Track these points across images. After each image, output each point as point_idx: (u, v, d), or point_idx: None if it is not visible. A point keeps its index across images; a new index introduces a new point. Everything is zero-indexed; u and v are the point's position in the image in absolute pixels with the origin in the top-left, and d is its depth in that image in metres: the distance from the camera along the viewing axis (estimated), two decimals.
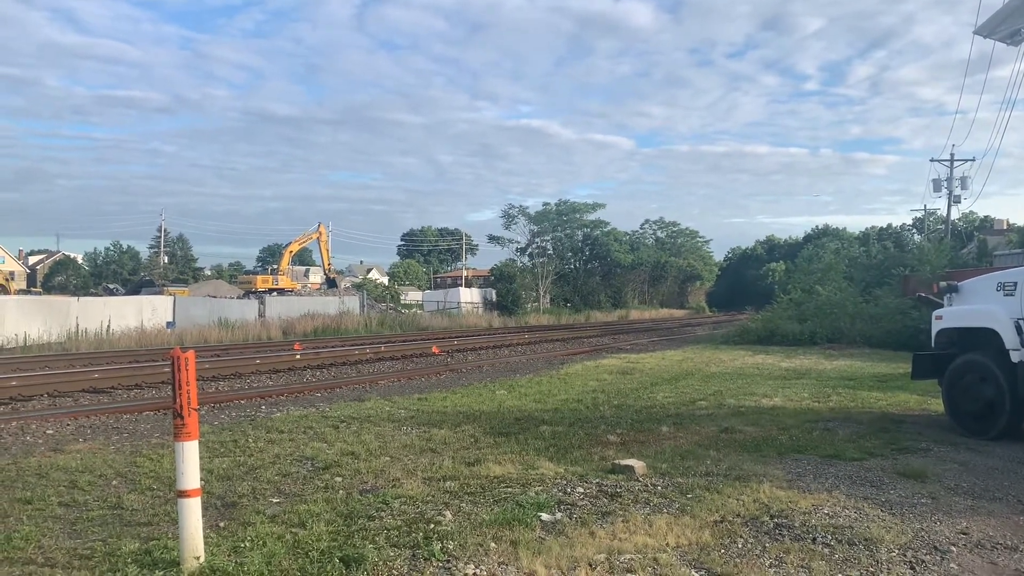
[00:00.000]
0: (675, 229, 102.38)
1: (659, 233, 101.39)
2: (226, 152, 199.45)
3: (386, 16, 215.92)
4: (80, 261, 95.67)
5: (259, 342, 32.40)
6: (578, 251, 78.60)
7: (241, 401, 13.52)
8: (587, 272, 77.53)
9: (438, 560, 4.97)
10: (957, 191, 50.32)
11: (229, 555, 5.04)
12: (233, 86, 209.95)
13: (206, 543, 5.02)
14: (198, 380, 15.98)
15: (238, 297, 50.10)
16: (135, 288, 64.53)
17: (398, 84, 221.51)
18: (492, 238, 74.31)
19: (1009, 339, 9.18)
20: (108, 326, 31.08)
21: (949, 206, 52.24)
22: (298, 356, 22.26)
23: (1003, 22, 19.26)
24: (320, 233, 65.21)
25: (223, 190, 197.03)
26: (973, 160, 49.49)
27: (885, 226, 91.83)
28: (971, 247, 48.65)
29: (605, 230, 79.47)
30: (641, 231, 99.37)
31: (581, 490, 6.76)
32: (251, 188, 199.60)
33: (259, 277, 64.09)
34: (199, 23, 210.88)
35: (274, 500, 6.57)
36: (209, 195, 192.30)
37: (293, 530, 5.59)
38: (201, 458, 5.46)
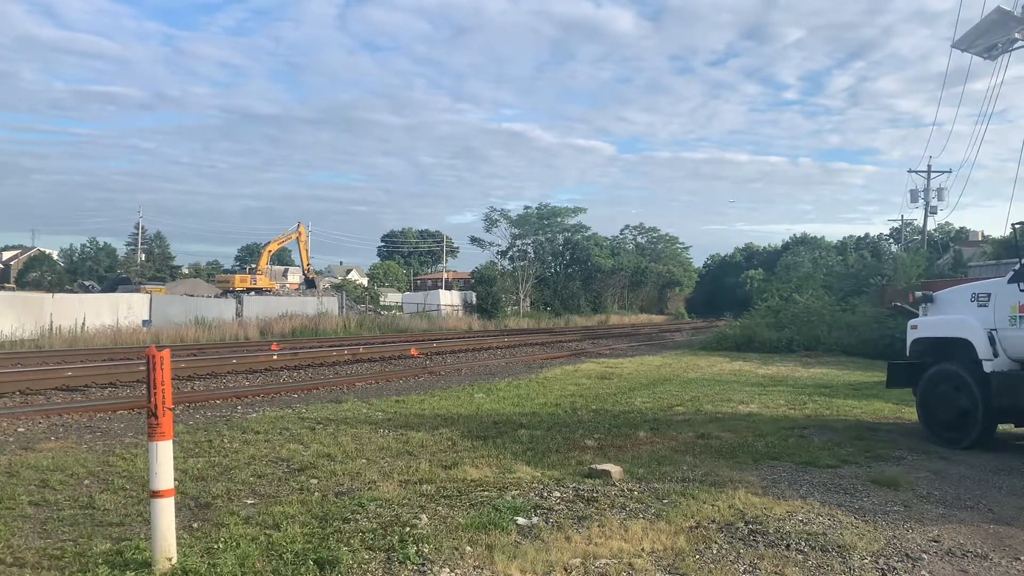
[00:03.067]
0: (655, 235, 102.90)
1: (640, 239, 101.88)
2: (206, 150, 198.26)
3: (369, 17, 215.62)
4: (56, 257, 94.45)
5: (236, 342, 32.14)
6: (559, 255, 78.75)
7: (217, 401, 13.41)
8: (567, 276, 77.65)
9: (413, 563, 4.95)
10: (934, 202, 51.01)
11: (202, 556, 4.99)
12: (214, 83, 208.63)
13: (179, 544, 4.96)
14: (173, 379, 15.78)
15: (216, 296, 49.80)
16: (111, 286, 63.84)
17: (380, 85, 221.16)
18: (473, 240, 74.34)
19: (982, 350, 9.30)
20: (83, 324, 30.74)
21: (926, 217, 52.95)
22: (275, 356, 22.11)
23: (980, 37, 19.56)
24: (300, 233, 64.95)
25: (203, 188, 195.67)
26: (950, 172, 50.18)
27: (863, 235, 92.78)
28: (947, 258, 49.28)
29: (586, 235, 79.73)
30: (622, 236, 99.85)
31: (558, 494, 6.76)
32: (231, 186, 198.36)
33: (237, 276, 63.70)
34: (180, 20, 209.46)
35: (249, 501, 6.52)
36: (188, 193, 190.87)
37: (267, 532, 5.54)
38: (175, 458, 5.41)
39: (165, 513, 4.76)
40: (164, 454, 4.79)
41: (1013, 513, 6.52)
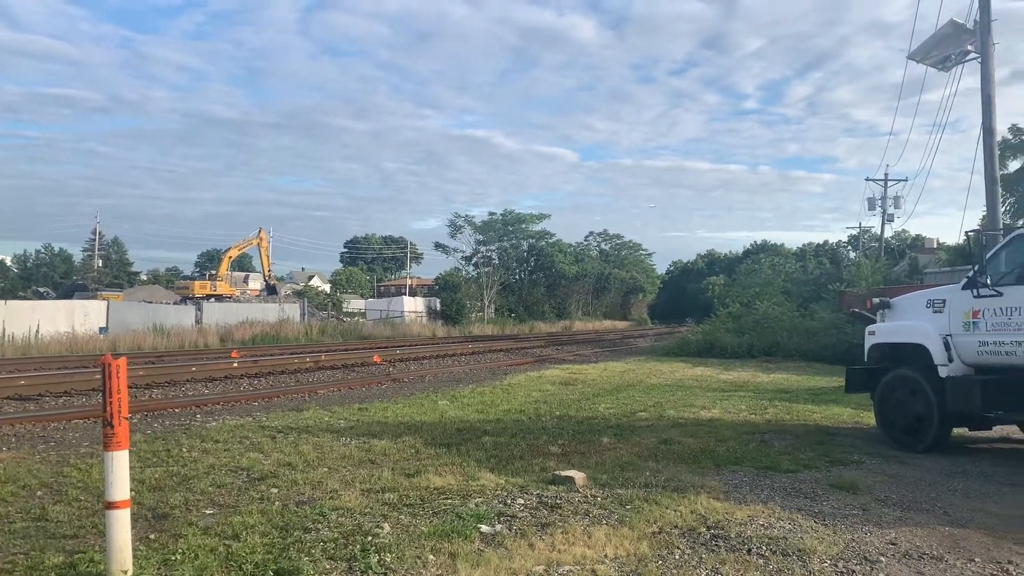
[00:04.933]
0: (619, 242, 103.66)
1: (603, 245, 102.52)
2: (165, 154, 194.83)
3: (331, 21, 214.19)
4: (9, 263, 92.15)
5: (195, 349, 31.68)
6: (523, 261, 78.95)
7: (175, 410, 13.18)
8: (532, 283, 77.87)
9: (375, 573, 4.91)
10: (890, 210, 51.84)
11: (159, 568, 4.91)
12: (173, 87, 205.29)
13: (135, 556, 4.86)
14: (131, 388, 15.53)
15: (175, 303, 49.08)
16: (67, 292, 62.46)
17: (342, 90, 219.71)
18: (438, 246, 74.23)
19: (938, 355, 9.49)
20: (37, 331, 30.05)
21: (883, 224, 53.83)
22: (235, 364, 21.81)
23: (934, 48, 20.00)
24: (261, 239, 64.31)
25: (162, 193, 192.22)
26: (906, 180, 51.04)
27: (822, 242, 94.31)
28: (903, 264, 50.28)
29: (550, 241, 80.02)
30: (586, 243, 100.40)
31: (521, 501, 6.75)
32: (191, 191, 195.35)
33: (197, 283, 62.76)
34: (139, 23, 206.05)
35: (207, 511, 6.41)
36: (147, 198, 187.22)
37: (227, 542, 5.45)
38: (132, 468, 5.30)
39: (121, 524, 4.66)
40: (120, 464, 4.68)
41: (967, 515, 6.64)
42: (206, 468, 8.10)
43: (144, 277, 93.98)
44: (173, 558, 5.08)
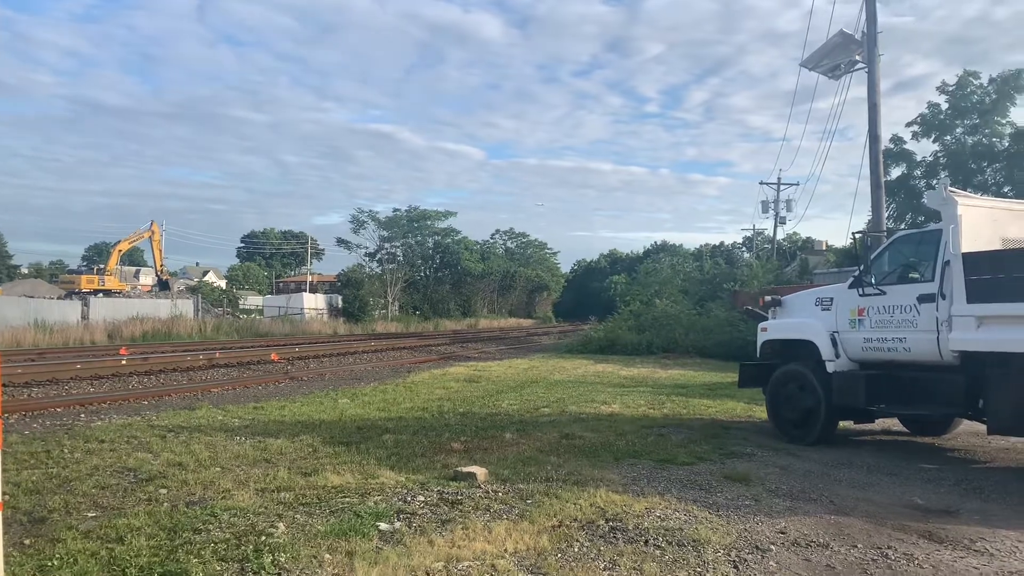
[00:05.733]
0: (524, 240, 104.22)
1: (509, 243, 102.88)
2: (49, 142, 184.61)
3: (229, 9, 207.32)
4: None
5: (81, 346, 30.20)
6: (428, 259, 78.47)
7: (58, 409, 12.48)
8: (437, 280, 77.48)
9: (268, 573, 4.75)
10: (783, 213, 54.15)
11: (34, 575, 4.61)
12: (59, 72, 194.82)
13: (8, 563, 4.59)
14: (8, 386, 14.66)
15: (59, 298, 46.56)
16: None
17: (241, 80, 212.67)
18: (340, 242, 72.90)
19: (826, 351, 9.90)
20: None
21: (775, 227, 56.07)
22: (124, 361, 20.90)
23: (825, 57, 20.92)
24: (152, 232, 61.71)
25: (45, 183, 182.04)
26: (797, 184, 53.40)
27: (718, 243, 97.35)
28: (794, 265, 52.37)
29: (456, 239, 79.81)
30: (492, 241, 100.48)
31: (422, 498, 6.67)
32: (77, 182, 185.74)
33: (84, 277, 59.70)
34: (20, 2, 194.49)
35: (90, 514, 6.08)
36: (29, 188, 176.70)
37: (109, 546, 5.19)
38: (7, 470, 4.99)
39: None
40: None
41: (852, 504, 6.94)
42: (89, 469, 7.70)
43: (25, 271, 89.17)
44: (50, 564, 4.82)
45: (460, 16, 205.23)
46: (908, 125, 37.42)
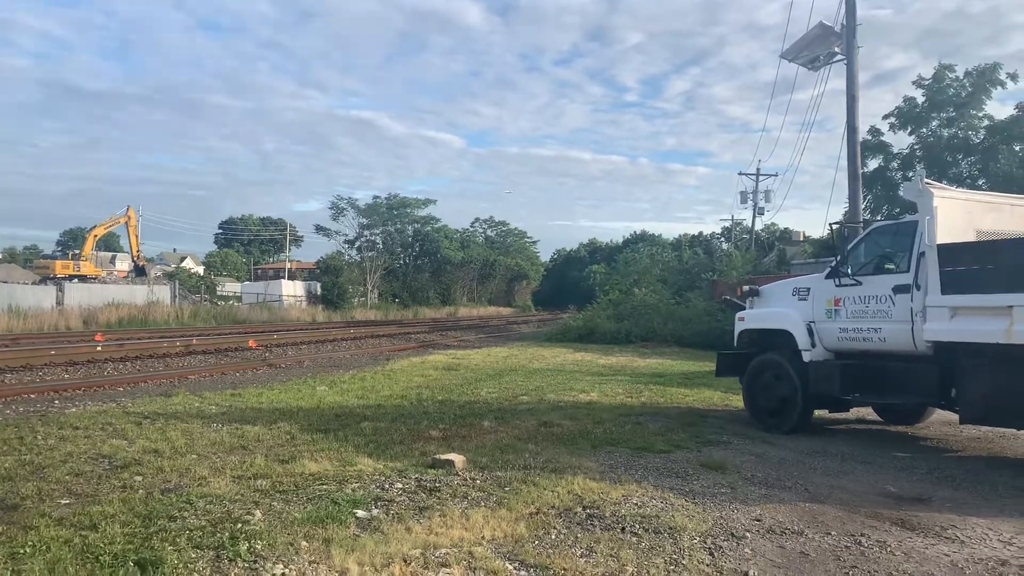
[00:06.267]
0: (504, 229, 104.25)
1: (489, 232, 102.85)
2: (24, 126, 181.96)
3: None
4: None
5: (56, 332, 29.84)
6: (408, 246, 78.17)
7: (31, 395, 12.35)
8: (417, 268, 77.24)
9: (244, 560, 4.72)
10: (761, 203, 54.42)
11: (5, 562, 4.57)
12: (34, 56, 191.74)
13: None
14: None
15: (33, 283, 45.99)
16: None
17: (221, 66, 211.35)
18: (319, 228, 72.33)
19: (802, 340, 9.99)
20: None
21: (754, 217, 56.41)
22: (99, 348, 20.68)
23: (805, 49, 21.05)
24: (129, 217, 60.96)
25: (20, 167, 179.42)
26: (776, 175, 53.86)
27: (696, 233, 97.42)
28: (772, 255, 52.71)
29: (436, 226, 79.52)
30: (472, 229, 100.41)
31: (400, 486, 6.67)
32: (53, 167, 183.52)
33: (59, 262, 59.00)
34: None
35: (63, 501, 6.03)
36: (3, 172, 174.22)
37: (83, 533, 5.14)
38: None
39: None
40: None
41: (826, 492, 7.02)
42: (63, 456, 7.63)
43: None
44: (22, 551, 4.77)
45: (442, 3, 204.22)
46: (885, 117, 37.73)
